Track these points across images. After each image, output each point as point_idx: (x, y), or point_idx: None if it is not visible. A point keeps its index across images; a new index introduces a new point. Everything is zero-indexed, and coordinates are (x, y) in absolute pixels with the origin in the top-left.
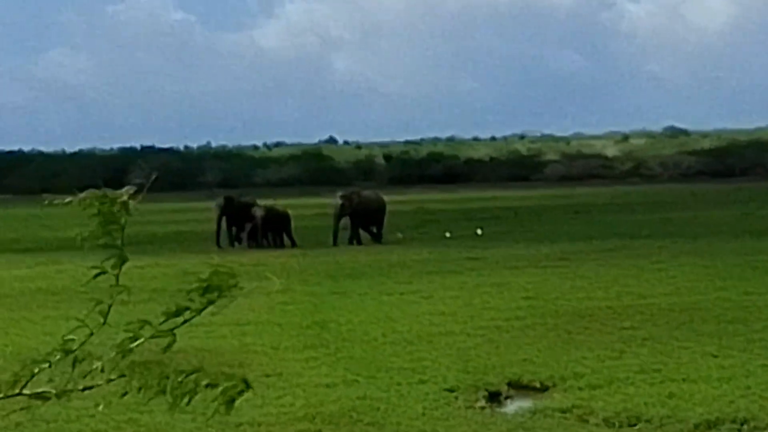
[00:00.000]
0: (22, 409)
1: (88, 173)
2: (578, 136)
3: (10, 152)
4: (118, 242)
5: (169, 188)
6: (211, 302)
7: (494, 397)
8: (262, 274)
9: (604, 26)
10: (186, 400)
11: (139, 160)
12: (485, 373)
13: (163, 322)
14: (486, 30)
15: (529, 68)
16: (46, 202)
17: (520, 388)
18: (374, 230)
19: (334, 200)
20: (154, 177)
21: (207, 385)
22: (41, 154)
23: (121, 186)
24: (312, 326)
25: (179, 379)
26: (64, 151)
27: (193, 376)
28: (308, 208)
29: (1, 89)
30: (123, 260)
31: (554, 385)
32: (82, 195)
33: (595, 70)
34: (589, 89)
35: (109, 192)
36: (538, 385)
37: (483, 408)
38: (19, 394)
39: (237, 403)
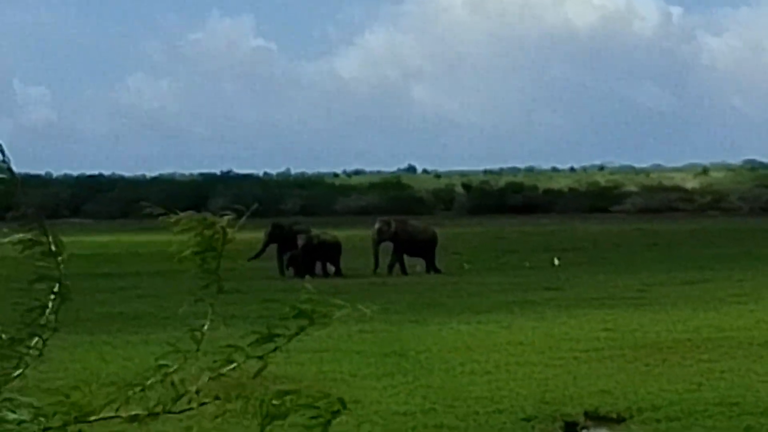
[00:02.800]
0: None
1: (168, 198)
2: (658, 168)
3: (91, 176)
4: (214, 269)
5: (250, 215)
6: (302, 329)
7: (571, 428)
8: (342, 301)
9: (684, 59)
10: (281, 420)
11: (219, 185)
12: (563, 404)
13: (254, 344)
14: (565, 62)
15: (608, 100)
16: (146, 210)
17: (597, 419)
18: (431, 262)
19: (374, 227)
20: (254, 206)
21: (303, 406)
22: (122, 179)
23: (200, 210)
24: (391, 354)
25: (275, 401)
26: (144, 176)
27: (289, 396)
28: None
29: (82, 115)
30: (220, 289)
31: (631, 417)
32: (182, 215)
33: (675, 102)
34: (669, 122)
35: (209, 216)
36: (615, 416)
37: None
38: (114, 416)
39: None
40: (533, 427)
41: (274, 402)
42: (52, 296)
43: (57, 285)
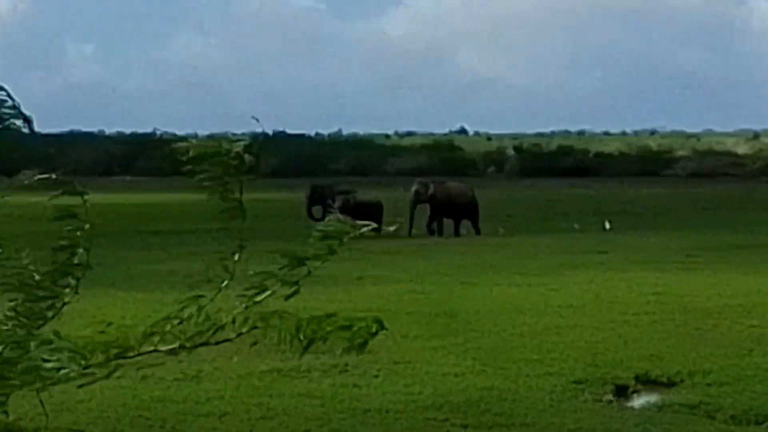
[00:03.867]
0: (152, 365)
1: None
2: (709, 133)
3: (144, 134)
4: (236, 195)
5: (301, 174)
6: (332, 250)
7: (622, 391)
8: (390, 261)
9: (735, 23)
10: (319, 343)
11: (271, 145)
12: (613, 367)
13: (286, 269)
14: (616, 26)
15: (658, 64)
16: (160, 145)
17: (647, 382)
18: (470, 224)
19: (411, 188)
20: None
21: (341, 327)
22: (174, 136)
23: (254, 170)
24: (441, 315)
25: (313, 326)
26: (196, 135)
27: (326, 321)
28: None
29: (131, 74)
30: (243, 212)
31: (682, 381)
32: (197, 142)
33: (726, 67)
34: (720, 87)
35: (225, 142)
36: (665, 380)
37: (610, 402)
38: (154, 351)
39: (364, 389)
40: (583, 391)
41: (312, 327)
42: (79, 234)
43: (86, 225)
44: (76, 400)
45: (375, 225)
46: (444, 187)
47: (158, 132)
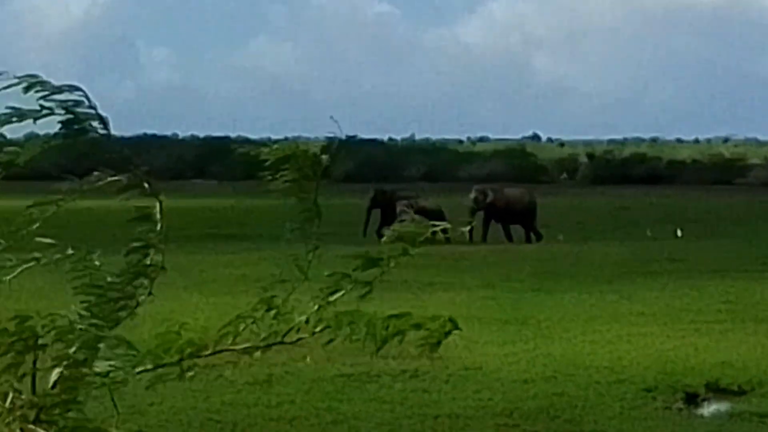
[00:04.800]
0: (228, 362)
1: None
2: None
3: (217, 138)
4: (312, 196)
5: (374, 179)
6: (406, 251)
7: (692, 399)
8: (462, 267)
9: None
10: (393, 341)
11: (343, 149)
12: (683, 375)
13: (359, 269)
14: (689, 33)
15: (732, 72)
16: (237, 151)
17: (718, 391)
18: (529, 229)
19: (470, 195)
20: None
21: (414, 326)
22: (248, 141)
23: (328, 174)
24: (512, 322)
25: (386, 324)
26: (269, 139)
27: (400, 320)
28: None
29: (206, 78)
30: (319, 214)
31: (752, 389)
32: (275, 146)
33: None
34: None
35: (302, 144)
36: (736, 388)
37: (680, 410)
38: (228, 349)
39: (434, 395)
40: (654, 398)
41: (385, 326)
42: (155, 236)
43: (158, 225)
44: (147, 403)
45: (448, 225)
46: (502, 194)
47: (232, 136)
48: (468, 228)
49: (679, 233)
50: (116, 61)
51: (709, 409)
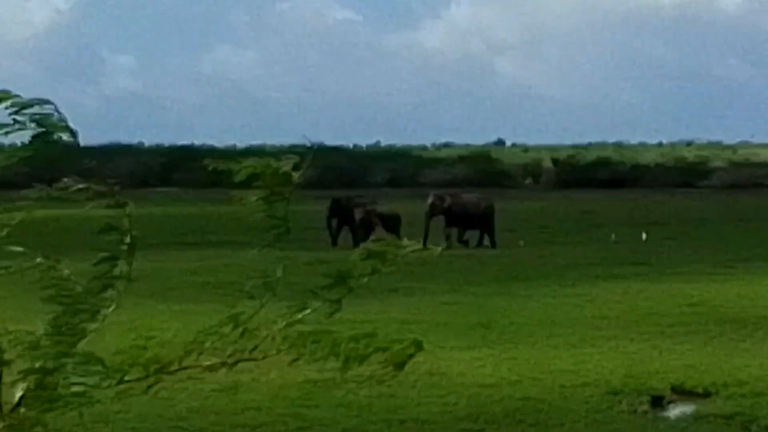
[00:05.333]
0: (190, 378)
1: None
2: (745, 145)
3: (182, 146)
4: (282, 214)
5: (338, 186)
6: (375, 270)
7: (657, 402)
8: (425, 273)
9: None
10: (356, 363)
11: (309, 156)
12: (648, 378)
13: (327, 288)
14: (651, 37)
15: (695, 76)
16: (210, 168)
17: (683, 393)
18: (488, 234)
19: (427, 200)
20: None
21: (378, 349)
22: (213, 149)
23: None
24: (476, 327)
25: (351, 345)
26: (235, 147)
27: (365, 340)
28: None
29: (169, 85)
30: (287, 231)
31: (717, 392)
32: (245, 163)
33: (763, 78)
34: (757, 98)
35: (273, 161)
36: (701, 390)
37: (646, 412)
38: (193, 366)
39: (400, 400)
40: (620, 401)
41: (351, 345)
42: (123, 247)
43: (128, 236)
44: (113, 411)
45: (419, 245)
46: (459, 199)
47: (197, 144)
48: (424, 243)
49: (644, 236)
50: (80, 70)
51: (674, 411)
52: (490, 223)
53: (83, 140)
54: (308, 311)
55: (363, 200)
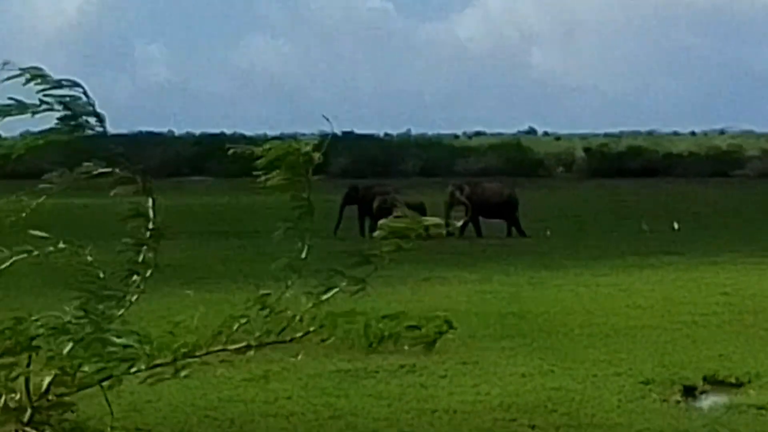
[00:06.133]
0: (223, 361)
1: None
2: None
3: (213, 135)
4: (305, 194)
5: (370, 175)
6: (400, 247)
7: (689, 392)
8: (458, 262)
9: None
10: (388, 342)
11: (340, 145)
12: (681, 368)
13: (353, 267)
14: (685, 27)
15: (728, 65)
16: (230, 151)
17: (715, 383)
18: (511, 224)
19: (447, 190)
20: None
21: (409, 327)
22: (243, 137)
23: (323, 171)
24: (509, 316)
25: (382, 325)
26: (266, 136)
27: (395, 320)
28: None
29: (200, 75)
30: (311, 210)
31: (750, 382)
32: (267, 145)
33: None
34: None
35: (294, 143)
36: (733, 380)
37: (678, 402)
38: (222, 349)
39: (431, 390)
40: (651, 391)
41: (381, 326)
42: (148, 234)
43: (151, 222)
44: (144, 401)
45: (440, 221)
46: (479, 189)
47: (227, 133)
48: (461, 222)
49: (676, 226)
50: (112, 59)
51: (706, 401)
52: (514, 213)
53: (115, 129)
54: (335, 290)
55: (384, 189)
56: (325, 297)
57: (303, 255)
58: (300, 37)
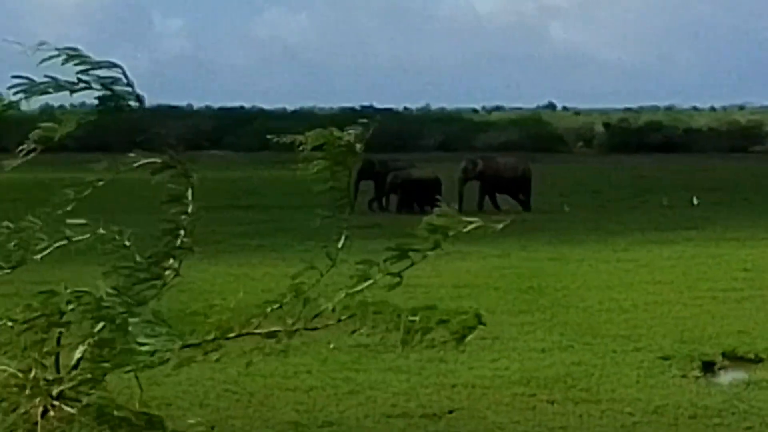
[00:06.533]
0: (254, 349)
1: (308, 131)
2: None
3: (232, 109)
4: (344, 185)
5: (389, 149)
6: (437, 245)
7: (708, 367)
8: (478, 237)
9: None
10: (418, 337)
11: (359, 119)
12: (700, 343)
13: (390, 260)
14: (705, 1)
15: (749, 39)
16: (275, 139)
17: (734, 359)
18: (521, 198)
19: (460, 165)
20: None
21: (439, 322)
22: (262, 111)
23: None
24: (529, 291)
25: (411, 317)
26: (285, 109)
27: (426, 312)
28: None
29: (221, 49)
30: (351, 204)
31: None
32: (309, 133)
33: None
34: None
35: (336, 131)
36: (752, 356)
37: (697, 378)
38: (253, 333)
39: (450, 364)
40: (671, 366)
41: (411, 318)
42: (184, 217)
43: (190, 206)
44: (164, 374)
45: (482, 223)
46: (493, 163)
47: (246, 107)
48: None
49: (695, 201)
50: (130, 33)
51: (725, 377)
52: (527, 187)
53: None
54: (369, 282)
55: (399, 164)
56: (359, 288)
57: (340, 245)
58: (320, 10)
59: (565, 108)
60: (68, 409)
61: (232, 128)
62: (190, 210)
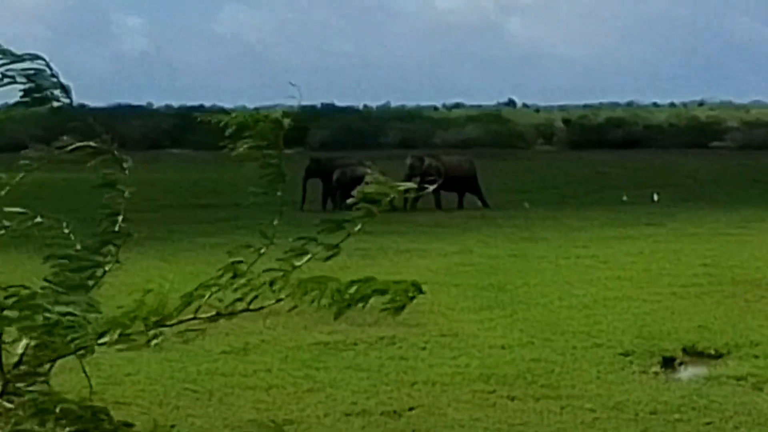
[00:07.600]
0: (190, 330)
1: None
2: (758, 104)
3: (192, 108)
4: (276, 162)
5: (350, 147)
6: (371, 213)
7: (669, 363)
8: (438, 234)
9: None
10: (357, 305)
11: (321, 118)
12: (660, 339)
13: (324, 233)
14: None
15: (708, 35)
16: (199, 119)
17: (695, 354)
18: (469, 195)
19: (406, 162)
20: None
21: (376, 291)
22: (223, 110)
23: (302, 142)
24: (489, 288)
25: (351, 290)
26: (245, 107)
27: (365, 284)
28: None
29: (180, 46)
30: (282, 177)
31: (729, 353)
32: (234, 114)
33: None
34: None
35: (263, 111)
36: (713, 352)
37: (657, 373)
38: (193, 318)
39: (411, 362)
40: (631, 362)
41: (350, 291)
42: (121, 202)
43: (125, 193)
44: (123, 374)
45: (414, 185)
46: (438, 160)
47: (207, 105)
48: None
49: (655, 197)
50: (89, 31)
51: (685, 372)
52: (475, 184)
53: (94, 102)
54: (307, 257)
55: (346, 161)
56: (297, 264)
57: (275, 222)
58: (280, 7)
59: (525, 105)
60: (7, 404)
61: (192, 127)
62: (126, 194)
